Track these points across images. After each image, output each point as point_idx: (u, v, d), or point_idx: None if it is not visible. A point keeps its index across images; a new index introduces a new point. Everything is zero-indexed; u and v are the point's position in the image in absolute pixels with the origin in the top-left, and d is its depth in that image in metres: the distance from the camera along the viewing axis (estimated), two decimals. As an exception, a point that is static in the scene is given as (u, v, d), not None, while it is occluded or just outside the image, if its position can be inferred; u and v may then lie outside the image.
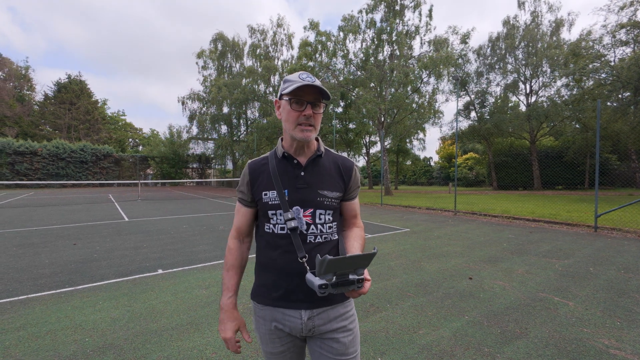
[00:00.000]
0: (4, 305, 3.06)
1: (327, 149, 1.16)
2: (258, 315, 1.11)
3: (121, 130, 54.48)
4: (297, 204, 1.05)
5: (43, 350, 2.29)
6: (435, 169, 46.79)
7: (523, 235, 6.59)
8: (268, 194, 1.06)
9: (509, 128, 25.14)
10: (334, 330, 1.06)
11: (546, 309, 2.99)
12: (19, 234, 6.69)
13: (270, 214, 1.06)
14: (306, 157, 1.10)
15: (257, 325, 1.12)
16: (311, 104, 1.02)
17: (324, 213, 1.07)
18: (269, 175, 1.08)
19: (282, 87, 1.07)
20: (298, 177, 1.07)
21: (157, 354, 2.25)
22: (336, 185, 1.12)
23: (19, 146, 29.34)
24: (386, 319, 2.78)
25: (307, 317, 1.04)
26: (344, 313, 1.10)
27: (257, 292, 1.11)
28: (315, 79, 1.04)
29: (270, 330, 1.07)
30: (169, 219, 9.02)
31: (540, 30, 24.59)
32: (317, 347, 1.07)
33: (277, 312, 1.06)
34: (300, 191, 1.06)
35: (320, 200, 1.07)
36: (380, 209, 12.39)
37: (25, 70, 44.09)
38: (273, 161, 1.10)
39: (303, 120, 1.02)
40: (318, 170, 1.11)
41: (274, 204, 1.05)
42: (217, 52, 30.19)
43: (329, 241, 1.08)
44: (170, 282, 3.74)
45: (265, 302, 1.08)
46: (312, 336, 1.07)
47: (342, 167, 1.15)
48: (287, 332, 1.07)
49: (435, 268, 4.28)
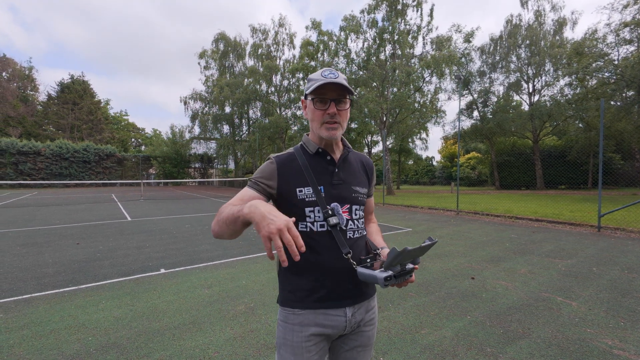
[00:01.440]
0: (8, 304, 3.08)
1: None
2: (292, 323, 1.01)
3: (124, 130, 54.73)
4: (335, 200, 1.04)
5: (47, 349, 2.30)
6: (438, 169, 46.66)
7: (526, 235, 6.57)
8: (304, 191, 1.02)
9: (512, 127, 25.04)
10: (365, 323, 1.09)
11: (549, 309, 2.97)
12: (23, 233, 6.73)
13: (308, 211, 1.01)
14: (337, 154, 1.11)
15: (289, 336, 1.01)
16: (335, 101, 1.01)
17: (358, 209, 1.10)
18: (300, 171, 1.04)
19: (306, 87, 1.06)
20: (333, 173, 1.07)
21: (160, 353, 2.25)
22: (364, 182, 1.16)
23: (22, 146, 29.51)
24: (388, 319, 2.78)
25: (351, 314, 1.04)
26: (373, 306, 1.13)
27: (291, 298, 1.03)
28: (339, 74, 1.02)
29: (307, 337, 1.00)
30: (172, 218, 9.05)
31: (544, 29, 24.47)
32: (341, 344, 1.07)
33: (318, 314, 1.01)
34: (336, 187, 1.05)
35: (355, 196, 1.09)
36: (382, 208, 12.37)
37: (29, 71, 44.37)
38: (303, 157, 1.07)
39: (328, 118, 1.01)
40: (349, 167, 1.12)
41: (311, 201, 1.01)
42: (219, 52, 30.24)
43: (363, 235, 1.12)
44: (173, 281, 3.76)
45: (304, 306, 1.01)
46: (346, 334, 1.06)
47: (365, 164, 1.21)
48: (325, 335, 1.03)
49: (438, 268, 4.27)
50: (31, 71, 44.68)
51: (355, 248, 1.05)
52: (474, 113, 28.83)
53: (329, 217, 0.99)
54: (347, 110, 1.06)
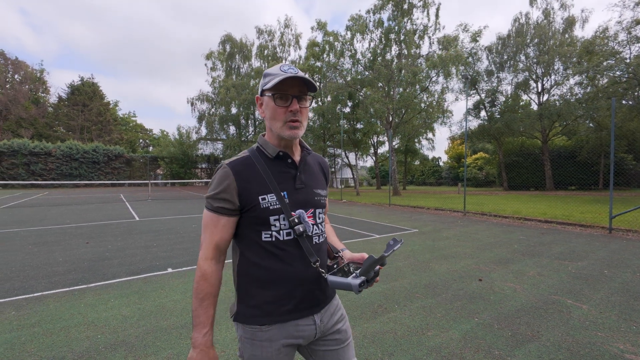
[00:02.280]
0: (20, 302, 3.15)
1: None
2: (260, 340, 0.95)
3: (132, 131, 55.43)
4: (299, 205, 0.99)
5: (57, 346, 2.34)
6: (444, 169, 46.29)
7: (535, 237, 6.47)
8: (267, 198, 0.94)
9: (520, 127, 24.69)
10: (335, 322, 1.07)
11: (559, 312, 2.93)
12: (35, 232, 6.86)
13: (273, 219, 0.94)
14: (297, 156, 1.05)
15: (257, 352, 0.95)
16: (297, 97, 0.94)
17: (321, 212, 1.06)
18: (261, 177, 0.96)
19: (262, 82, 0.97)
20: (295, 177, 1.01)
21: (167, 352, 2.28)
22: (323, 183, 1.13)
23: (34, 147, 30.08)
24: (394, 320, 2.76)
25: (319, 320, 1.02)
26: (337, 304, 1.12)
27: (256, 314, 0.96)
28: (299, 70, 0.95)
29: (277, 350, 0.96)
30: (179, 218, 9.14)
31: (553, 28, 24.11)
32: (320, 347, 1.05)
33: (288, 326, 0.97)
34: (300, 192, 1.00)
35: (317, 200, 1.05)
36: (388, 209, 12.32)
37: (40, 73, 45.25)
38: (262, 161, 0.98)
39: (290, 116, 0.94)
40: (309, 169, 1.08)
41: (275, 209, 0.94)
42: (226, 54, 30.44)
43: (325, 239, 1.10)
44: (180, 280, 3.79)
45: (272, 321, 0.95)
46: (317, 338, 1.04)
47: (322, 165, 1.17)
48: (297, 345, 1.01)
49: (444, 269, 4.23)
50: (42, 73, 45.59)
51: (321, 253, 1.03)
52: (482, 113, 28.52)
53: (295, 225, 0.95)
54: (308, 108, 1.00)
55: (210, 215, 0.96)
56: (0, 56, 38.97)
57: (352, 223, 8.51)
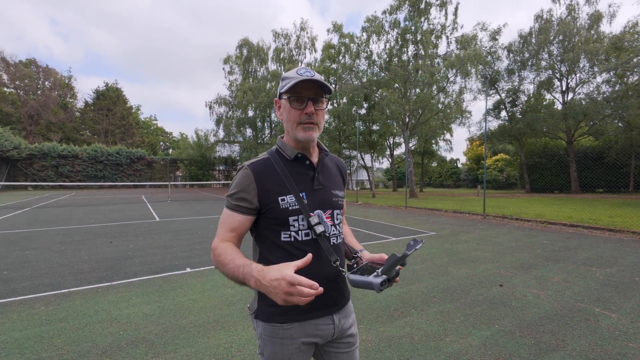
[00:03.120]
0: (49, 298, 3.30)
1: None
2: (281, 337, 0.97)
3: (153, 134, 57.25)
4: (318, 206, 1.01)
5: (82, 342, 2.44)
6: (463, 171, 45.22)
7: (559, 241, 6.21)
8: (286, 199, 0.96)
9: (543, 128, 23.79)
10: (350, 326, 1.08)
11: (586, 320, 2.79)
12: (62, 231, 7.18)
13: (292, 220, 0.96)
14: (315, 157, 1.07)
15: (278, 349, 0.97)
16: (312, 100, 0.96)
17: (339, 213, 1.08)
18: (280, 178, 0.98)
19: (280, 86, 1.01)
20: (314, 178, 1.03)
21: (186, 350, 2.33)
22: (340, 185, 1.14)
23: (62, 150, 31.56)
24: (411, 325, 2.72)
25: (338, 320, 1.04)
26: (351, 307, 1.13)
27: (276, 312, 0.97)
28: (315, 72, 0.97)
29: (297, 347, 0.97)
30: (197, 219, 9.34)
31: (577, 24, 23.17)
32: (333, 348, 1.06)
33: (307, 325, 0.98)
34: (318, 193, 1.02)
35: (335, 201, 1.06)
36: (404, 211, 12.15)
37: (69, 80, 47.45)
38: (281, 163, 1.01)
39: (305, 118, 0.96)
40: (327, 170, 1.09)
41: (294, 209, 0.96)
42: (243, 58, 30.95)
43: (343, 240, 1.11)
44: (198, 280, 3.87)
45: (291, 319, 0.97)
46: (333, 339, 1.06)
47: (340, 166, 1.19)
48: (315, 343, 1.02)
49: (463, 273, 4.13)
50: (70, 80, 47.79)
51: (339, 254, 1.04)
52: (502, 113, 27.72)
53: (314, 225, 0.96)
54: (324, 110, 1.02)
55: (228, 212, 1.00)
56: (32, 64, 41.18)
57: (368, 225, 8.44)
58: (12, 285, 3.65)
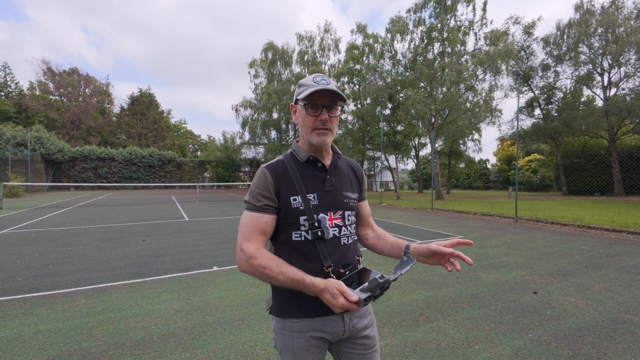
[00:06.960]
0: (88, 292, 3.52)
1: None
2: (290, 330, 1.02)
3: (182, 137, 59.64)
4: (329, 207, 1.04)
5: (118, 334, 2.58)
6: (493, 172, 43.32)
7: (600, 247, 5.80)
8: (297, 199, 1.01)
9: (582, 126, 22.27)
10: (364, 327, 1.09)
11: (631, 333, 2.58)
12: (100, 229, 7.65)
13: (302, 219, 1.01)
14: (328, 160, 1.12)
15: (288, 341, 1.02)
16: (327, 107, 1.01)
17: (351, 214, 1.11)
18: (292, 179, 1.04)
19: (297, 92, 1.06)
20: (325, 180, 1.07)
21: (212, 346, 2.40)
22: (354, 187, 1.17)
23: (100, 153, 33.71)
24: (437, 330, 2.64)
25: (349, 318, 1.05)
26: (367, 308, 1.14)
27: (286, 307, 1.03)
28: (331, 80, 1.02)
29: (307, 340, 1.01)
30: (224, 219, 9.61)
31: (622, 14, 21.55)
32: (348, 349, 1.07)
33: (316, 321, 1.02)
34: (329, 194, 1.06)
35: (346, 202, 1.10)
36: (430, 214, 11.83)
37: (106, 87, 50.57)
38: (293, 165, 1.06)
39: (319, 125, 1.02)
40: (339, 173, 1.14)
41: (303, 210, 1.01)
42: (268, 61, 31.53)
43: (355, 241, 1.13)
44: (224, 278, 3.98)
45: (300, 315, 1.01)
46: (345, 337, 1.07)
47: (355, 169, 1.23)
48: (325, 339, 1.04)
49: (493, 279, 3.95)
50: (108, 87, 50.90)
51: (348, 254, 1.07)
52: (536, 111, 26.26)
53: (314, 229, 1.00)
54: (337, 117, 1.07)
55: (252, 214, 1.01)
56: (75, 73, 44.29)
57: (392, 227, 8.30)
58: (56, 279, 3.94)
